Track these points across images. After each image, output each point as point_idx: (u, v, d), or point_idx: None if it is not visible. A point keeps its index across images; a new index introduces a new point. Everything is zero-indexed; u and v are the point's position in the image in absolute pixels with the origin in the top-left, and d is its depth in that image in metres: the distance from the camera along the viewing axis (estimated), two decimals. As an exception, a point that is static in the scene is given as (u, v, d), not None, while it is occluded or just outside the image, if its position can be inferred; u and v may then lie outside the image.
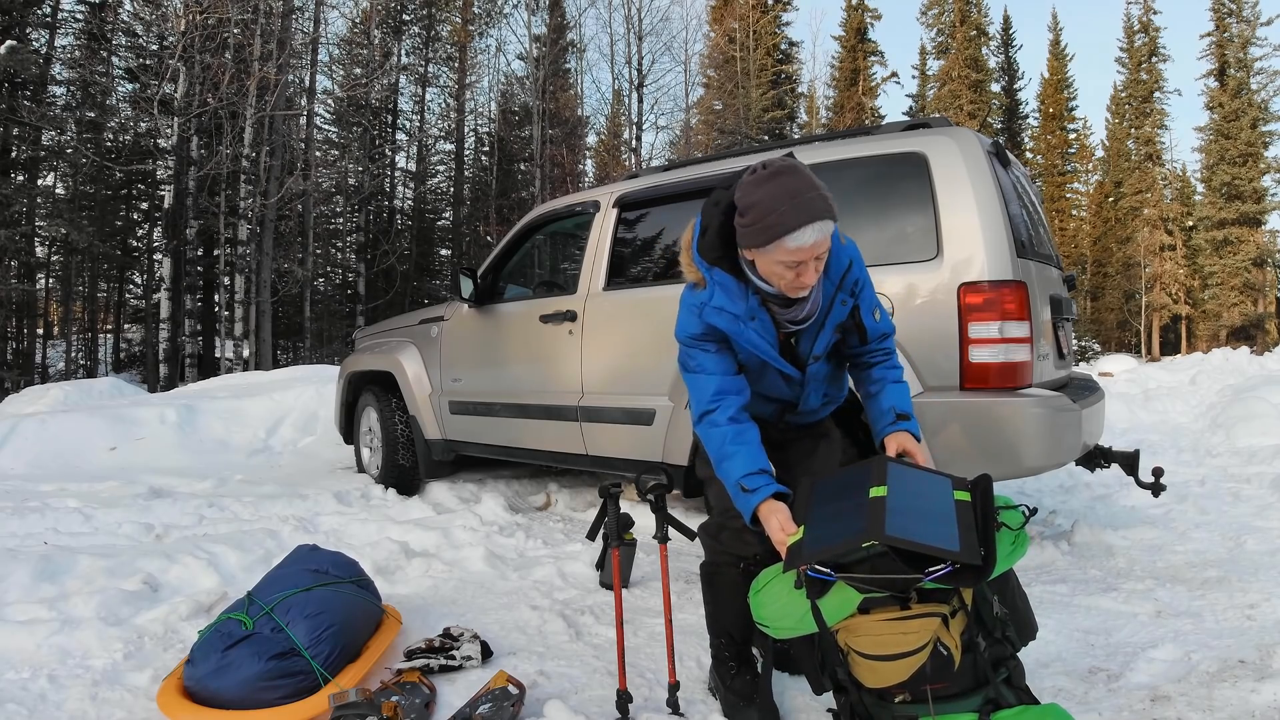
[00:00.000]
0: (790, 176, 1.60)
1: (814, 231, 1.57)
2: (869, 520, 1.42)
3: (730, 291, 1.74)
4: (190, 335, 13.98)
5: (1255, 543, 3.24)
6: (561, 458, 3.95)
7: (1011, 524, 1.55)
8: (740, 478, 1.70)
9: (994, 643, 1.58)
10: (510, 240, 4.38)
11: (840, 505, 1.53)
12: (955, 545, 1.40)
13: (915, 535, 1.39)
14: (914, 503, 1.49)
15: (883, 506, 1.44)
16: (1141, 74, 34.17)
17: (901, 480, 1.55)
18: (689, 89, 26.92)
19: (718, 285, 1.74)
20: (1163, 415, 7.11)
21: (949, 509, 1.50)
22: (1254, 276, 30.27)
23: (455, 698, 2.11)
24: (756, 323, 1.76)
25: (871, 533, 1.39)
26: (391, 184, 24.28)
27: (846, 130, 3.73)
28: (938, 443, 2.72)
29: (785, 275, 1.65)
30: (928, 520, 1.45)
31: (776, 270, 1.65)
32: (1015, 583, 1.72)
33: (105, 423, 5.92)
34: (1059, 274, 3.49)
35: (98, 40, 17.85)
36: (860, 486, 1.54)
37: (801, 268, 1.62)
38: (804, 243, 1.57)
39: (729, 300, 1.74)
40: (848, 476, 1.64)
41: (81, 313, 22.36)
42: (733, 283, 1.74)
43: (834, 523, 1.50)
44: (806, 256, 1.60)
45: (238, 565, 3.06)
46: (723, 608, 2.00)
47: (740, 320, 1.74)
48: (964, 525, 1.46)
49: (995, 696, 1.51)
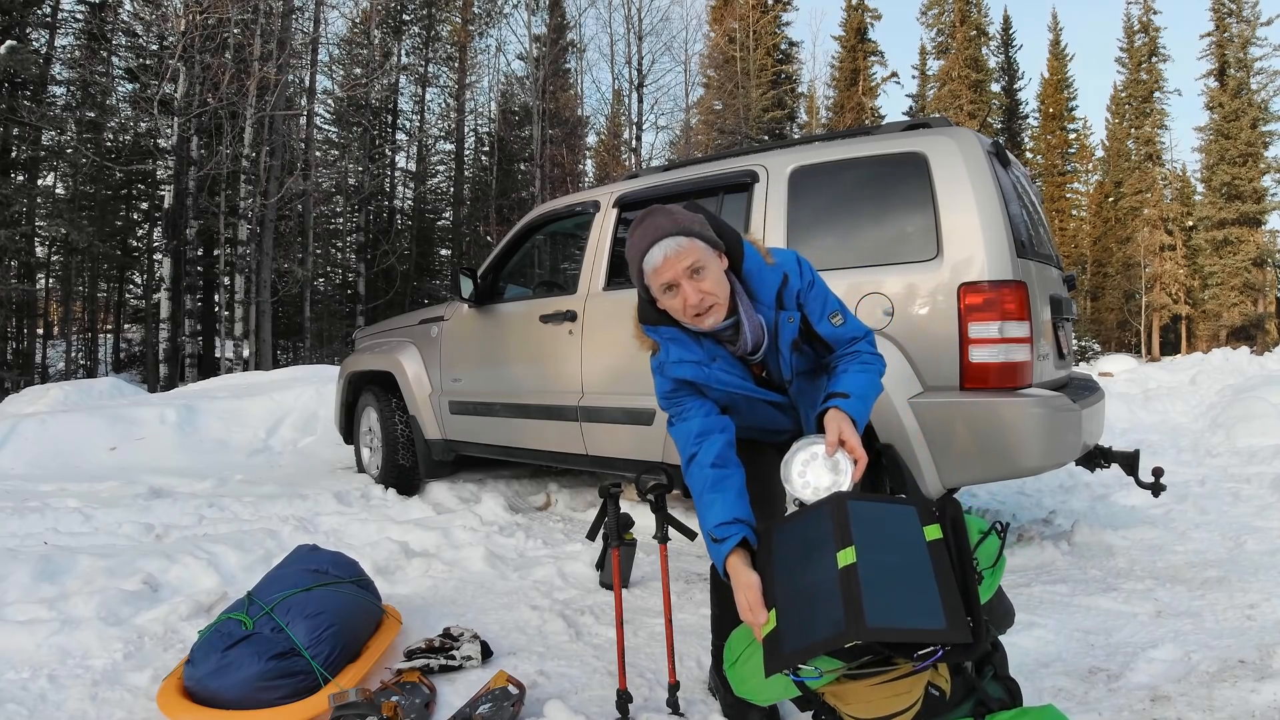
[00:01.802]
0: (648, 215, 1.68)
1: (660, 249, 1.61)
2: (845, 608, 1.31)
3: (682, 342, 1.75)
4: (190, 335, 13.98)
5: (1255, 543, 3.24)
6: (561, 458, 3.95)
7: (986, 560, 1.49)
8: (712, 527, 1.64)
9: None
10: (510, 240, 4.38)
11: (808, 577, 1.41)
12: (940, 621, 1.31)
13: (897, 620, 1.30)
14: (887, 566, 1.37)
15: (856, 583, 1.32)
16: (1141, 74, 34.16)
17: (866, 531, 1.41)
18: (689, 89, 26.97)
19: (669, 342, 1.76)
20: (1163, 415, 7.11)
21: (924, 563, 1.39)
22: (1254, 276, 30.26)
23: (455, 698, 2.11)
24: (719, 363, 1.76)
25: (851, 629, 1.28)
26: (391, 184, 24.29)
27: (846, 130, 3.74)
28: (937, 443, 2.72)
29: (672, 304, 1.66)
30: (905, 589, 1.35)
31: (665, 301, 1.68)
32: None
33: (105, 423, 5.92)
34: (1059, 274, 3.49)
35: (98, 40, 17.85)
36: (824, 545, 1.41)
37: (676, 289, 1.64)
38: (655, 262, 1.62)
39: (684, 350, 1.75)
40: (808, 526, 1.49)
41: (81, 313, 22.36)
42: (681, 334, 1.75)
43: (807, 609, 1.38)
44: (671, 277, 1.62)
45: (238, 565, 3.06)
46: (728, 611, 2.00)
47: (702, 365, 1.75)
48: (944, 585, 1.36)
49: (985, 699, 1.50)
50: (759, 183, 3.23)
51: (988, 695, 1.51)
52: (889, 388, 2.78)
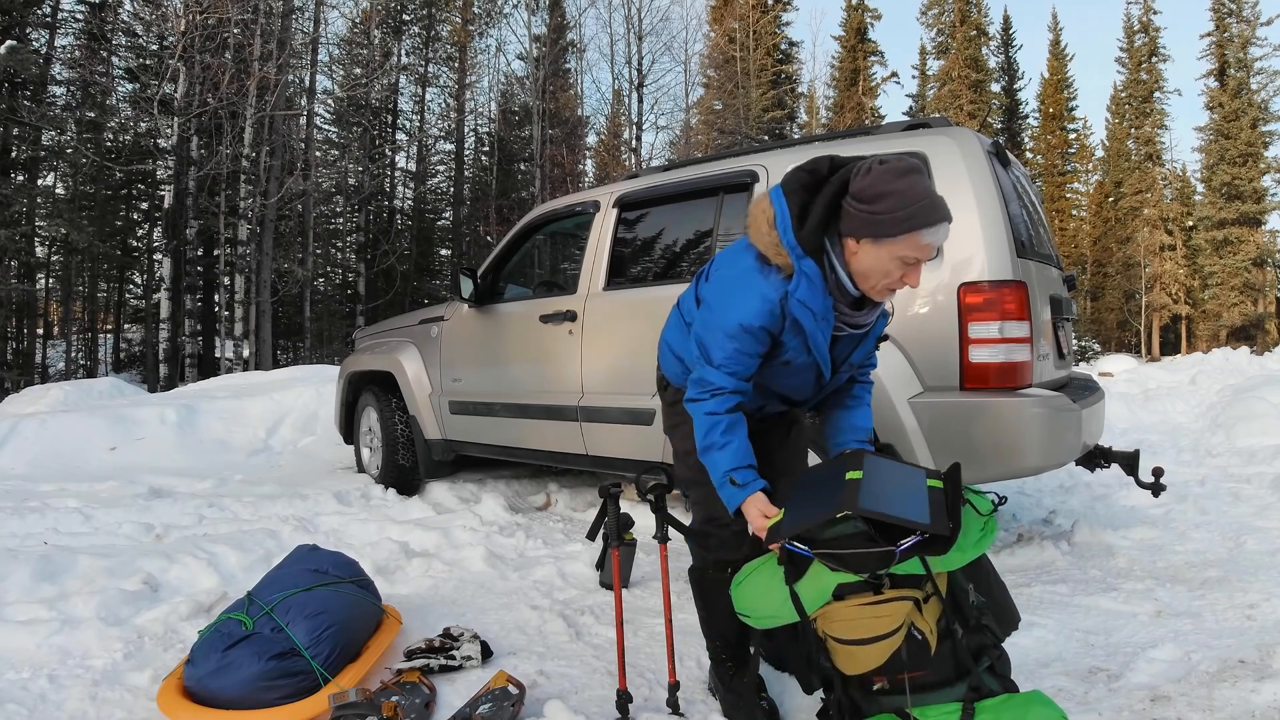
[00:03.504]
0: (923, 177, 1.60)
1: (945, 232, 1.58)
2: (844, 495, 1.51)
3: (815, 287, 1.64)
4: (190, 335, 13.98)
5: (1255, 543, 3.24)
6: (561, 458, 3.95)
7: (980, 507, 1.62)
8: (730, 470, 1.69)
9: (972, 631, 1.60)
10: (510, 240, 4.38)
11: (818, 491, 1.61)
12: (925, 518, 1.49)
13: (887, 509, 1.48)
14: (887, 484, 1.57)
15: (857, 486, 1.53)
16: (1141, 74, 34.16)
17: (877, 467, 1.63)
18: (689, 89, 26.96)
19: (805, 277, 1.63)
20: (1163, 415, 7.10)
21: (921, 490, 1.58)
22: (1254, 276, 30.26)
23: (455, 698, 2.11)
24: (825, 323, 1.70)
25: (845, 505, 1.48)
26: (391, 184, 24.28)
27: (846, 130, 3.74)
28: (937, 443, 2.72)
29: (893, 274, 1.60)
30: (899, 497, 1.53)
31: (886, 267, 1.59)
32: (991, 570, 1.74)
33: (105, 423, 5.91)
34: (1059, 274, 3.49)
35: (98, 40, 17.84)
36: (837, 474, 1.61)
37: (913, 268, 1.60)
38: (937, 240, 1.58)
39: (812, 295, 1.64)
40: (826, 469, 1.70)
41: (81, 313, 22.36)
42: (819, 277, 1.64)
43: (811, 504, 1.57)
44: (926, 256, 1.59)
45: (238, 565, 3.06)
46: (715, 611, 2.00)
47: (817, 318, 1.67)
48: (934, 503, 1.54)
49: (979, 685, 1.54)
50: (759, 183, 3.23)
51: (982, 683, 1.54)
52: (889, 387, 2.78)
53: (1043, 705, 1.48)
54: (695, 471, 1.90)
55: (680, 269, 3.59)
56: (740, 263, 1.72)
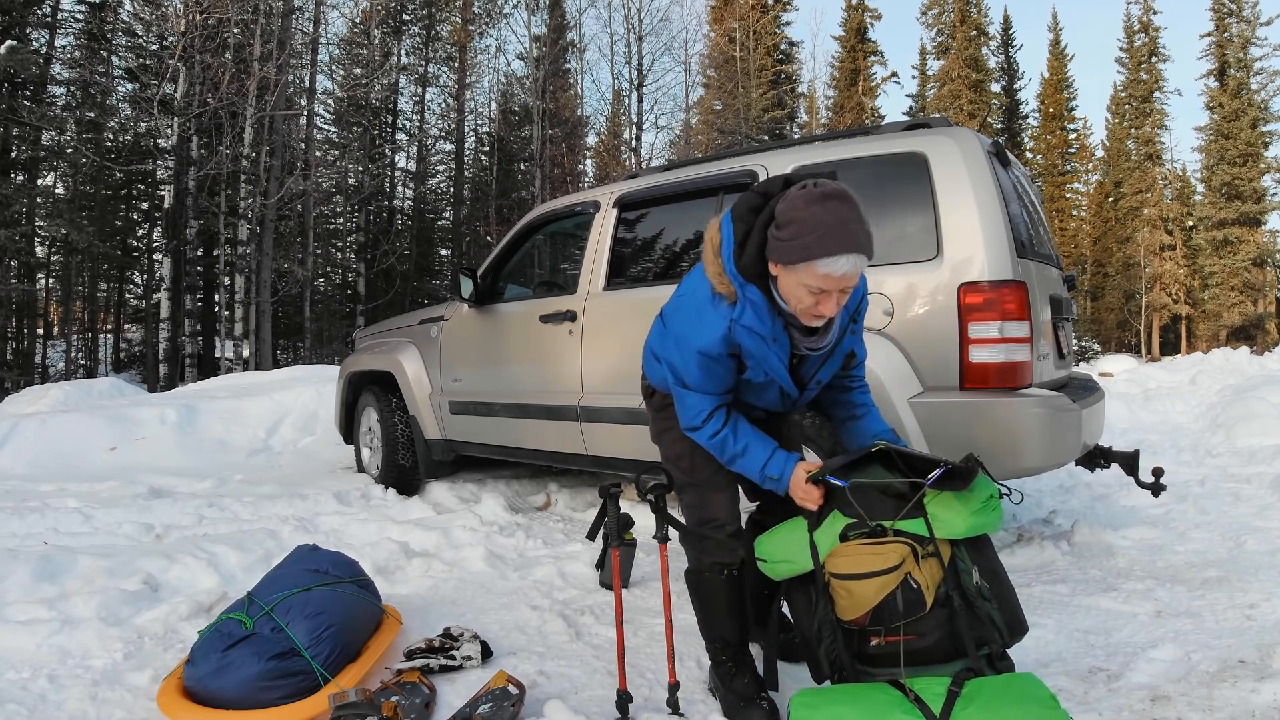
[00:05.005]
0: (840, 203, 1.56)
1: (847, 262, 1.54)
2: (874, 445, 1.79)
3: (760, 311, 1.67)
4: (190, 335, 13.98)
5: (1255, 543, 3.23)
6: (561, 458, 3.95)
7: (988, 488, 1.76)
8: (762, 468, 1.79)
9: (972, 614, 1.65)
10: (510, 240, 4.38)
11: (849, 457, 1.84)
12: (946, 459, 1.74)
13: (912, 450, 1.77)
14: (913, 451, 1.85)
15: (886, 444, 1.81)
16: (1141, 74, 34.16)
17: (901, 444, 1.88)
18: (689, 89, 26.97)
19: (750, 303, 1.66)
20: (1163, 415, 7.10)
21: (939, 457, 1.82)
22: (1254, 276, 30.26)
23: (455, 698, 2.11)
24: (778, 345, 1.72)
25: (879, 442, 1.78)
26: (391, 184, 24.27)
27: (846, 130, 3.74)
28: (937, 443, 2.72)
29: (805, 300, 1.61)
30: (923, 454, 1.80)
31: (797, 292, 1.61)
32: (1000, 569, 1.75)
33: (105, 423, 5.91)
34: (1059, 274, 3.49)
35: (98, 40, 17.85)
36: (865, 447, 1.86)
37: (824, 296, 1.59)
38: (834, 271, 1.54)
39: (758, 320, 1.67)
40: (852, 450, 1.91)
41: (81, 313, 22.36)
42: (763, 302, 1.67)
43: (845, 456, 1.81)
44: (833, 286, 1.57)
45: (238, 565, 3.06)
46: (712, 612, 2.01)
47: (766, 341, 1.70)
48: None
49: (976, 667, 1.60)
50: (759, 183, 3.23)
51: (980, 664, 1.61)
52: (889, 387, 2.78)
53: (1032, 685, 1.51)
54: (686, 475, 1.97)
55: (680, 269, 3.58)
56: (698, 291, 1.76)
